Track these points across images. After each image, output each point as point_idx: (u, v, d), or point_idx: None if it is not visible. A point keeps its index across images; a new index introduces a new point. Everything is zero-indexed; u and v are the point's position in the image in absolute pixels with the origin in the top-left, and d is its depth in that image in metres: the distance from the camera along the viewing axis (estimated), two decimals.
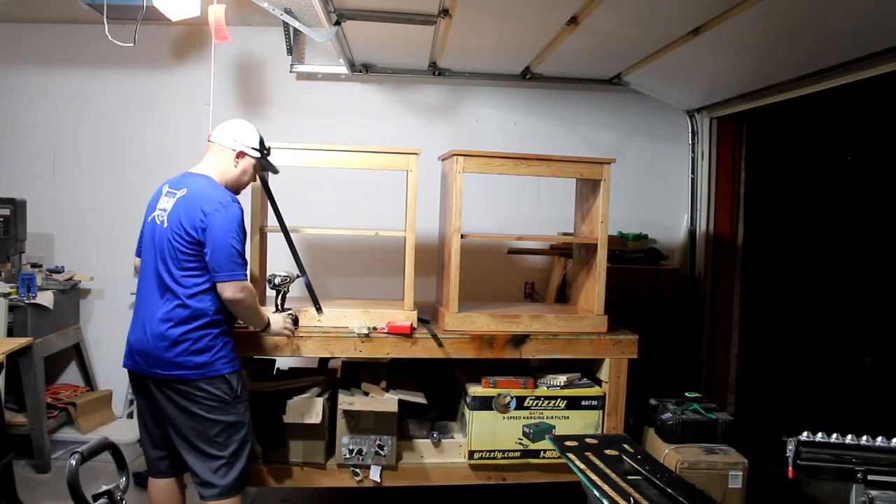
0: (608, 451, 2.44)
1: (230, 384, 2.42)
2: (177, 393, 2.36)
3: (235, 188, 2.55)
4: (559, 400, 3.02)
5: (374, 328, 2.92)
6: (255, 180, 2.70)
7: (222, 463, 2.41)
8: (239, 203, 2.45)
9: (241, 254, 2.39)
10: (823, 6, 2.53)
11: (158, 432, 2.50)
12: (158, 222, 2.41)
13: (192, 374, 2.35)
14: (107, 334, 4.27)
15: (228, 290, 2.36)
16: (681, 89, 4.15)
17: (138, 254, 2.60)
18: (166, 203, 2.42)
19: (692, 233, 4.40)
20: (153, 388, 2.40)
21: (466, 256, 3.10)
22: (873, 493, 1.68)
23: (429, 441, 3.02)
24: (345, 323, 2.97)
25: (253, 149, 2.54)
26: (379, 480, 2.92)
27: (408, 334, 2.92)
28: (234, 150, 2.50)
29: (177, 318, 2.34)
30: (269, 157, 2.66)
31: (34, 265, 3.89)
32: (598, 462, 2.34)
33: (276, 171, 2.77)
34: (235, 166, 2.51)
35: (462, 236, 3.02)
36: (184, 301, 2.35)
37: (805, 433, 1.76)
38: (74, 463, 1.62)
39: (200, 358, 2.36)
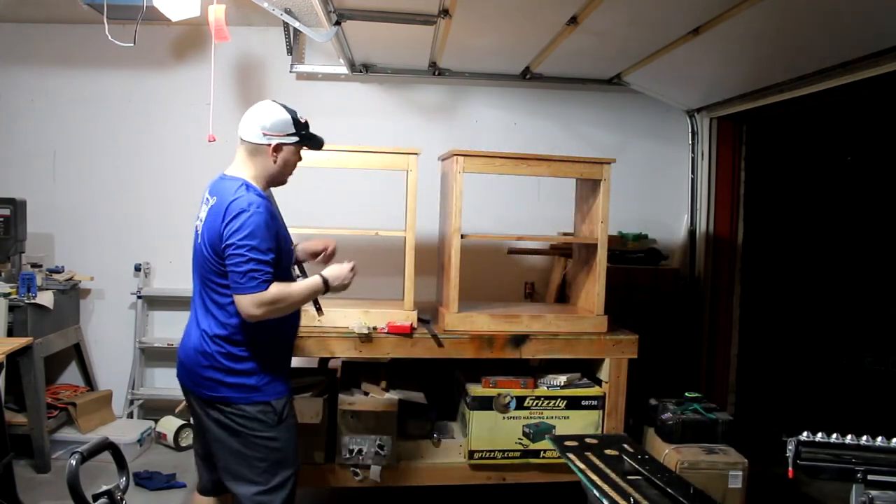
0: (608, 451, 2.44)
1: (274, 409, 2.19)
2: (219, 413, 2.18)
3: (280, 181, 2.27)
4: (559, 400, 3.02)
5: (375, 328, 2.92)
6: (300, 159, 2.30)
7: (261, 490, 2.18)
8: (265, 201, 2.14)
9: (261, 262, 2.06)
10: (823, 6, 2.53)
11: (202, 450, 2.35)
12: (199, 232, 2.20)
13: (234, 397, 2.15)
14: (107, 334, 4.27)
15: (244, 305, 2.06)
16: (681, 89, 4.15)
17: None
18: (202, 212, 2.21)
19: (692, 233, 4.40)
20: (196, 406, 2.24)
21: (466, 256, 3.10)
22: (873, 493, 1.68)
23: (429, 441, 3.03)
24: (345, 323, 2.97)
25: (289, 135, 2.18)
26: (379, 480, 2.92)
27: (408, 334, 2.92)
28: (269, 146, 2.17)
29: (214, 335, 2.16)
30: (308, 132, 2.25)
31: (34, 265, 3.89)
32: (598, 462, 2.34)
33: (319, 147, 2.33)
34: (275, 162, 2.18)
35: (462, 236, 3.02)
36: (223, 319, 2.15)
37: (805, 433, 1.76)
38: (74, 463, 1.62)
39: (239, 379, 2.16)
